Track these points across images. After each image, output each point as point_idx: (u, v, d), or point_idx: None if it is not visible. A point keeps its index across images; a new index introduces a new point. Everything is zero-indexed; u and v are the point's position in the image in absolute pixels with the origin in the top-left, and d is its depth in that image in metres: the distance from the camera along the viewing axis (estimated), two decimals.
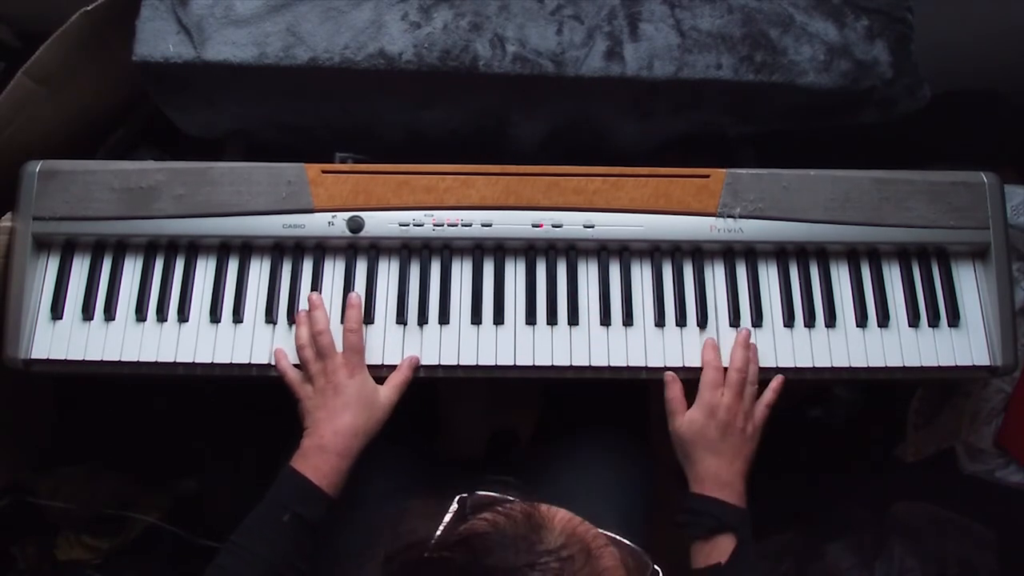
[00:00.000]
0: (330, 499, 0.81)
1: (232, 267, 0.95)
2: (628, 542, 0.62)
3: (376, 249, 0.96)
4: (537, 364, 0.92)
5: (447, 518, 0.58)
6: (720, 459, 0.85)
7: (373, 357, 0.91)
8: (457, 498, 0.59)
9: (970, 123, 1.31)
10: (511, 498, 0.60)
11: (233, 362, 0.91)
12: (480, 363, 0.92)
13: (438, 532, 0.57)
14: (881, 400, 1.41)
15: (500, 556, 0.52)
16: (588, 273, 0.96)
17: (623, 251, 0.96)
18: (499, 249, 0.96)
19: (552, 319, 0.94)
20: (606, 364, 0.92)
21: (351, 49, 0.93)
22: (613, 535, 0.62)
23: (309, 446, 0.83)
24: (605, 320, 0.94)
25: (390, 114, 1.03)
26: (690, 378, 0.92)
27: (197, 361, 0.91)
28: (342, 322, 0.91)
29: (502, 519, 0.54)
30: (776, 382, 0.91)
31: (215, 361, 0.91)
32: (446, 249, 0.96)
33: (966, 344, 0.95)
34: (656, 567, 0.61)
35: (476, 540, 0.53)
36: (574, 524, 0.56)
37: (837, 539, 1.31)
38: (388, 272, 0.95)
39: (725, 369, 0.90)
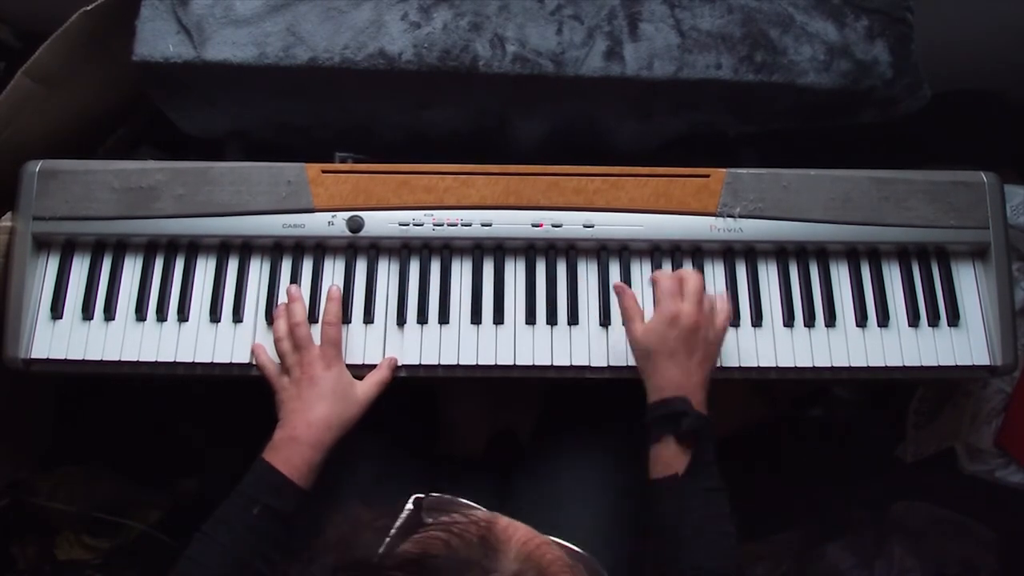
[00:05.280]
0: (302, 491, 0.80)
1: (232, 267, 0.95)
2: (585, 554, 0.60)
3: (376, 249, 0.96)
4: (537, 364, 0.92)
5: (400, 518, 0.57)
6: (681, 369, 0.81)
7: (373, 357, 0.91)
8: (413, 498, 0.58)
9: (970, 123, 1.31)
10: (467, 503, 0.58)
11: (233, 362, 0.91)
12: (480, 363, 0.92)
13: (392, 532, 0.55)
14: (881, 400, 1.41)
15: None
16: (588, 273, 0.96)
17: (623, 251, 0.96)
18: (499, 249, 0.96)
19: (552, 319, 0.94)
20: (606, 364, 0.92)
21: (351, 49, 0.93)
22: (575, 549, 0.60)
23: (281, 437, 0.82)
24: (605, 320, 0.94)
25: (390, 114, 1.03)
26: None
27: (197, 361, 0.91)
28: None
29: (456, 539, 0.52)
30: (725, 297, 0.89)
31: (215, 361, 0.91)
32: (446, 249, 0.96)
33: (966, 344, 0.95)
34: None
35: (428, 562, 0.51)
36: (531, 547, 0.53)
37: (837, 539, 1.31)
38: (388, 272, 0.95)
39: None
